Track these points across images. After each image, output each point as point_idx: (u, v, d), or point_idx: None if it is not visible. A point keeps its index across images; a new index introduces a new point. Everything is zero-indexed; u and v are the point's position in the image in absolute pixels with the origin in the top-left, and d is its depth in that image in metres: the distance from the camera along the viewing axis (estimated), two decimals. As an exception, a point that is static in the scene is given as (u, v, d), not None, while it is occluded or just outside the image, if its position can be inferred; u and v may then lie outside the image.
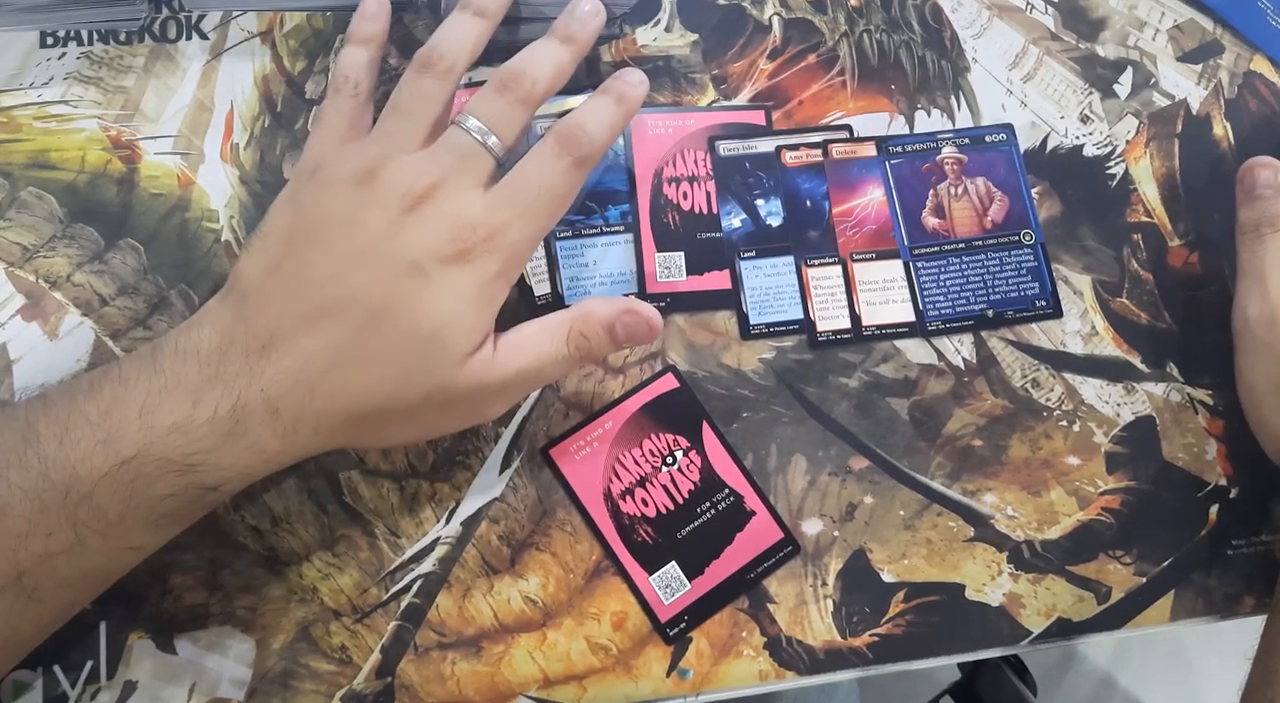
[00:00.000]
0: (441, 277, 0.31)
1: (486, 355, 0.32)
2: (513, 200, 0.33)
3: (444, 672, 0.37)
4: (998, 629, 0.39)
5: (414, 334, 0.31)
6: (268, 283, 0.31)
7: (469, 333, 0.32)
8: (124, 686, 0.35)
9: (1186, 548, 0.40)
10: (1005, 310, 0.42)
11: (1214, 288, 0.43)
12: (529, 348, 0.34)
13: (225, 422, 0.30)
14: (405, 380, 0.31)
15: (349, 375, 0.31)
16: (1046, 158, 0.44)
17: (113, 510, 0.29)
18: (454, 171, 0.32)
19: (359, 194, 0.32)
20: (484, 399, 0.33)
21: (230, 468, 0.30)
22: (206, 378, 0.30)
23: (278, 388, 0.30)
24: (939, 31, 0.45)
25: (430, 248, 0.31)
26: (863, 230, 0.42)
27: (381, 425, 0.33)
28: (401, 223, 0.31)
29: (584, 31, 0.36)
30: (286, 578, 0.37)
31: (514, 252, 0.33)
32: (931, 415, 0.41)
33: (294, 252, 0.31)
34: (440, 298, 0.31)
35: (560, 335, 0.34)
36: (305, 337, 0.30)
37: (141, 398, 0.29)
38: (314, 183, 0.32)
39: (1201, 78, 0.46)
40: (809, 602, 0.38)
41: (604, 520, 0.38)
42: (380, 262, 0.31)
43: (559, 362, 0.34)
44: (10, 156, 0.40)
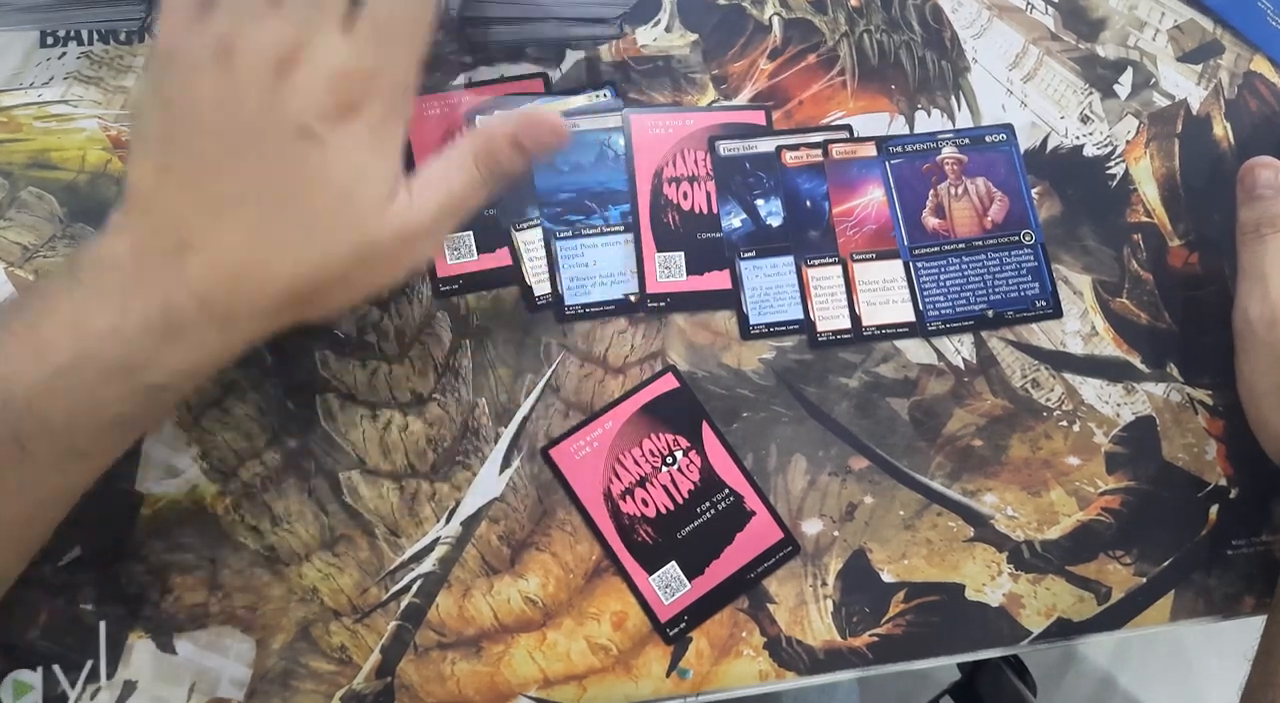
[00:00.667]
0: (334, 134, 0.30)
1: (402, 201, 0.32)
2: (377, 39, 0.31)
3: (444, 672, 0.37)
4: (998, 629, 0.39)
5: (326, 199, 0.31)
6: (164, 185, 0.30)
7: (379, 182, 0.31)
8: (124, 685, 0.35)
9: (1186, 548, 0.40)
10: (1005, 310, 0.42)
11: (1214, 288, 0.43)
12: (442, 184, 0.33)
13: (158, 324, 0.29)
14: (330, 247, 0.31)
15: (272, 257, 0.30)
16: (1047, 158, 0.44)
17: (57, 419, 0.29)
18: (310, 23, 0.31)
19: (224, 74, 0.30)
20: (412, 245, 0.33)
21: (174, 366, 0.30)
22: (129, 285, 0.30)
23: (203, 284, 0.30)
24: (939, 31, 0.45)
25: (314, 110, 0.30)
26: (863, 230, 0.42)
27: (320, 297, 0.32)
28: (277, 89, 0.30)
29: None
30: (286, 578, 0.37)
31: (396, 87, 0.32)
32: (931, 415, 0.41)
33: (180, 146, 0.31)
34: (340, 156, 0.31)
35: (468, 163, 0.33)
36: (217, 230, 0.30)
37: (68, 310, 0.29)
38: (174, 69, 0.31)
39: (1202, 78, 0.46)
40: (809, 602, 0.38)
41: (604, 521, 0.38)
42: (271, 135, 0.30)
43: (475, 188, 0.33)
44: (10, 156, 0.40)
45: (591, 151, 0.42)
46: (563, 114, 0.41)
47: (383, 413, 0.39)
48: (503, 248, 0.40)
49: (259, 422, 0.38)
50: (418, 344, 0.39)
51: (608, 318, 0.40)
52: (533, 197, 0.41)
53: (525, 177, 0.41)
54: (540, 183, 0.41)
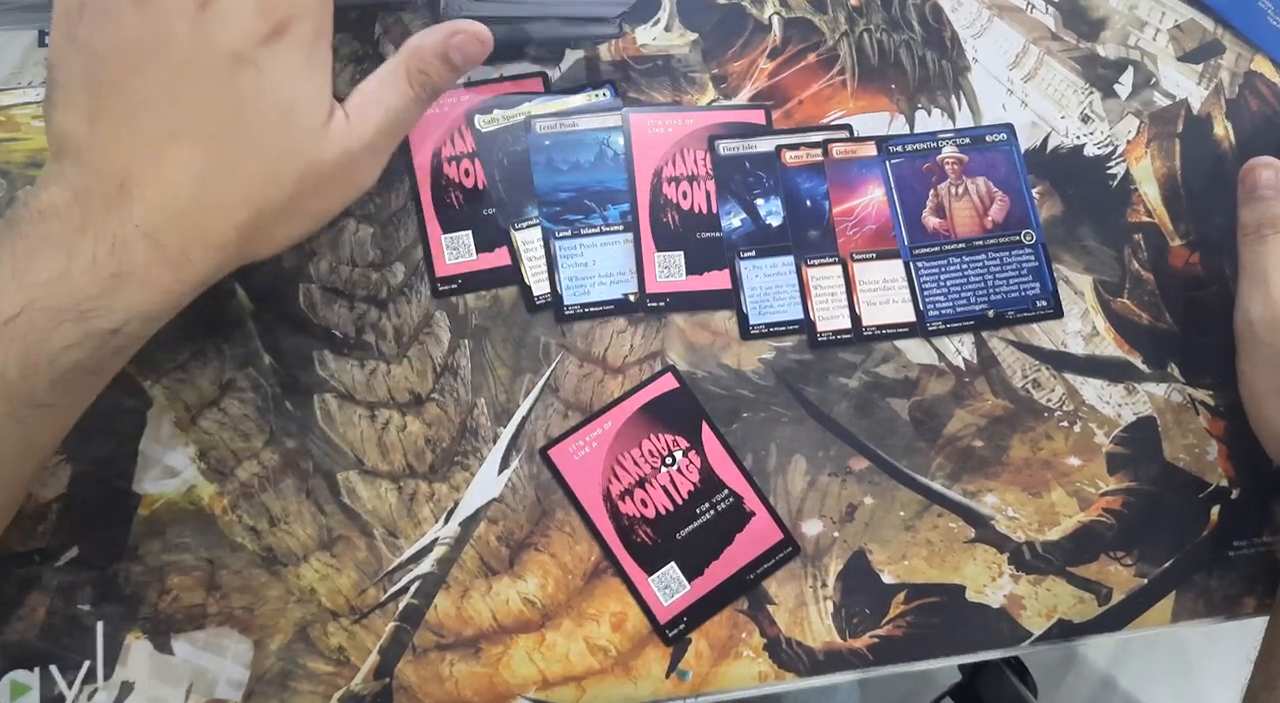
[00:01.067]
0: (267, 58, 0.31)
1: (340, 123, 0.32)
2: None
3: (442, 673, 0.37)
4: (998, 631, 0.39)
5: (265, 123, 0.31)
6: (97, 131, 0.30)
7: (315, 103, 0.31)
8: (121, 686, 0.35)
9: (1188, 549, 0.40)
10: (1006, 310, 0.42)
11: (1215, 288, 0.43)
12: (378, 101, 0.33)
13: (107, 265, 0.29)
14: (274, 173, 0.31)
15: (219, 188, 0.30)
16: (1047, 158, 0.44)
17: (11, 370, 0.29)
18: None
19: (145, 12, 0.30)
20: (355, 167, 0.33)
21: (127, 308, 0.30)
22: (73, 229, 0.29)
23: (151, 222, 0.30)
24: (939, 31, 0.45)
25: (243, 34, 0.30)
26: (863, 230, 0.42)
27: (269, 227, 0.32)
28: (204, 21, 0.30)
29: None
30: (284, 579, 0.37)
31: (321, 7, 0.32)
32: (932, 416, 0.40)
33: (108, 90, 0.30)
34: (275, 80, 0.31)
35: (400, 80, 0.33)
36: (160, 165, 0.30)
37: (10, 261, 0.29)
38: (90, 15, 0.30)
39: (1202, 78, 0.46)
40: (809, 603, 0.38)
41: (603, 521, 0.38)
42: (203, 66, 0.30)
43: (410, 106, 0.34)
44: (8, 155, 0.40)
45: (591, 151, 0.42)
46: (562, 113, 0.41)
47: (381, 413, 0.39)
48: (502, 247, 0.40)
49: (257, 422, 0.38)
50: (416, 344, 0.39)
51: (607, 318, 0.40)
52: (532, 196, 0.41)
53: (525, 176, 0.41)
54: (539, 182, 0.41)
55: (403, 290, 0.40)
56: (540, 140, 0.41)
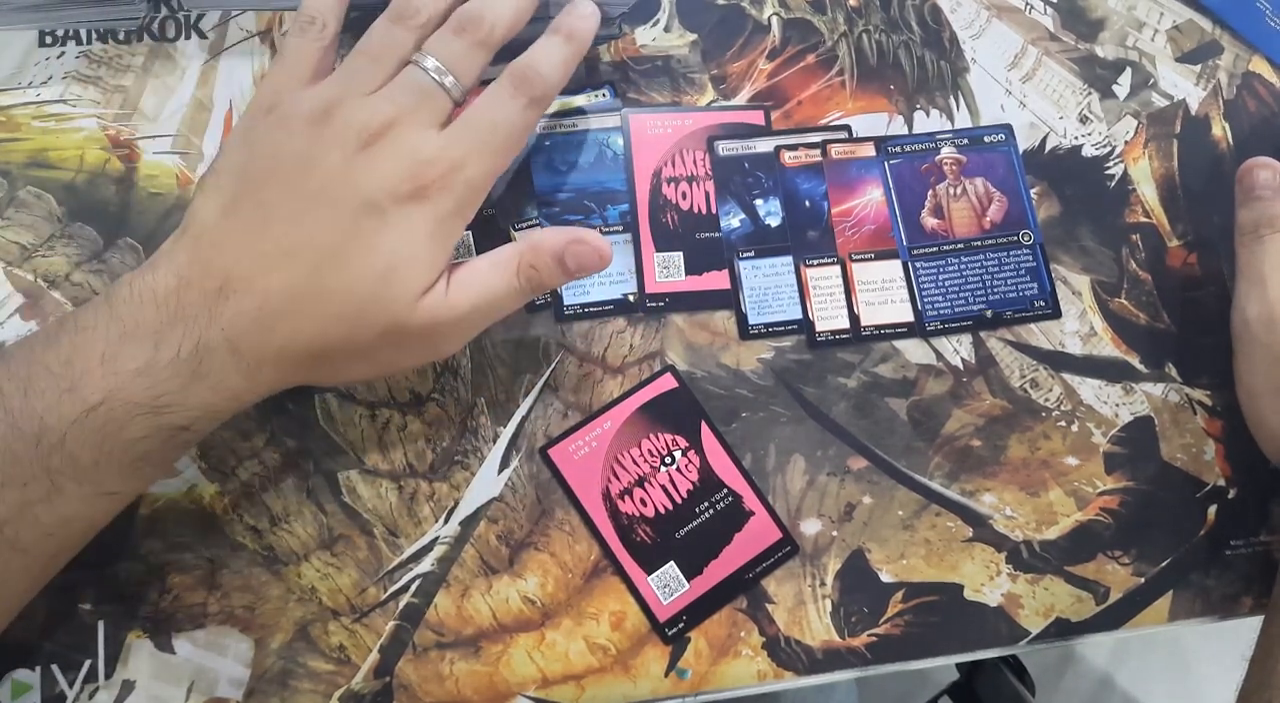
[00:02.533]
0: (398, 215, 0.31)
1: (440, 294, 0.32)
2: (468, 137, 0.33)
3: (442, 671, 0.37)
4: (996, 630, 0.39)
5: (369, 273, 0.31)
6: (224, 223, 0.31)
7: (423, 272, 0.32)
8: (122, 685, 0.35)
9: (1185, 548, 0.40)
10: (1004, 311, 0.42)
11: (1213, 288, 0.43)
12: (481, 284, 0.34)
13: (189, 362, 0.30)
14: (361, 319, 0.31)
15: (307, 314, 0.31)
16: (1045, 158, 0.44)
17: (86, 456, 0.29)
18: (410, 110, 0.32)
19: (315, 132, 0.31)
20: (439, 337, 0.33)
21: (198, 407, 0.31)
22: (166, 320, 0.30)
23: (237, 328, 0.30)
24: (938, 32, 0.45)
25: (386, 186, 0.31)
26: (861, 230, 0.42)
27: (340, 362, 0.33)
28: (357, 161, 0.31)
29: (575, 24, 0.35)
30: (285, 578, 0.37)
31: (469, 188, 0.33)
32: (930, 416, 0.41)
33: (250, 191, 0.31)
34: (396, 236, 0.31)
35: (510, 269, 0.34)
36: (262, 277, 0.30)
37: (102, 345, 0.29)
38: (270, 120, 0.32)
39: (1200, 78, 0.46)
40: (807, 602, 0.38)
41: (603, 520, 0.38)
42: (336, 201, 0.31)
43: (511, 295, 0.34)
44: (9, 156, 0.40)
45: (590, 152, 0.42)
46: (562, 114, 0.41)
47: (381, 413, 0.39)
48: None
49: (257, 421, 0.38)
50: (416, 344, 0.39)
51: (606, 318, 0.40)
52: (531, 196, 0.41)
53: (524, 176, 0.41)
54: (539, 183, 0.41)
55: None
56: (540, 141, 0.42)
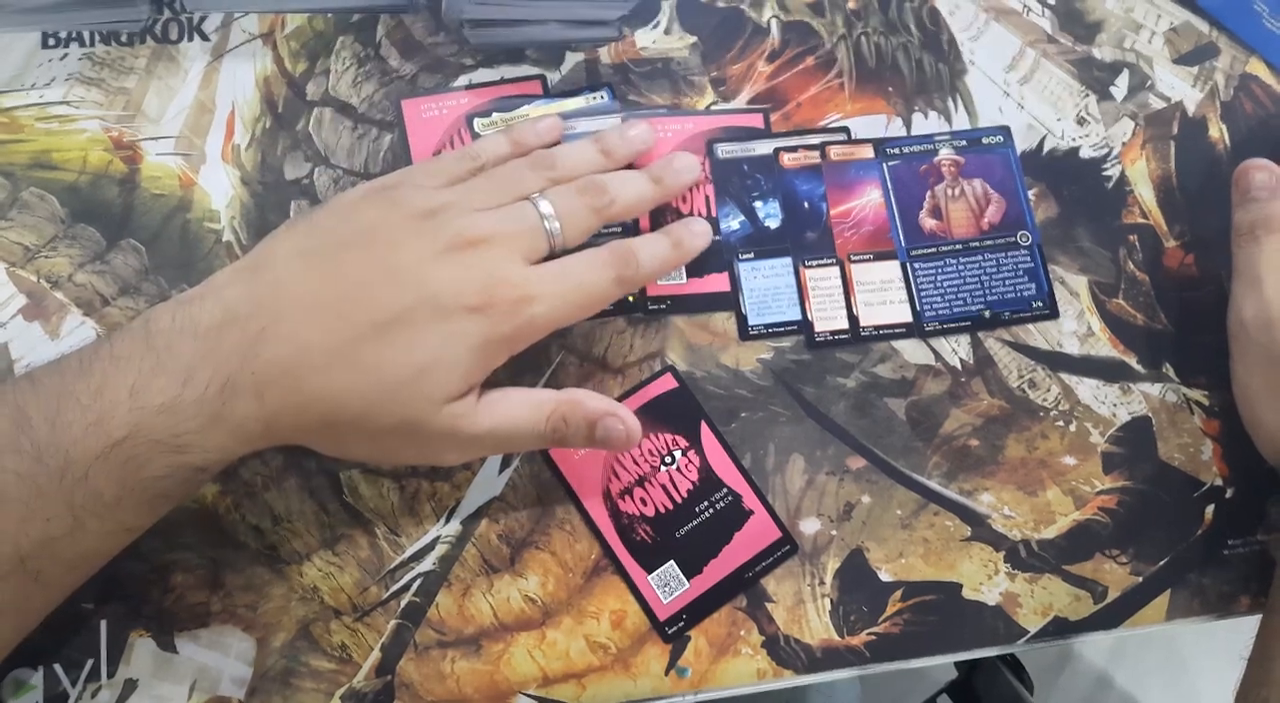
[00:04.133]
0: (456, 319, 0.32)
1: (467, 406, 0.33)
2: (551, 280, 0.33)
3: (444, 670, 0.37)
4: (994, 628, 0.39)
5: (407, 360, 0.31)
6: (293, 267, 0.31)
7: (456, 379, 0.32)
8: (124, 684, 0.36)
9: (1182, 548, 0.41)
10: (1002, 311, 0.42)
11: (1210, 289, 0.43)
12: (508, 413, 0.34)
13: (213, 402, 0.30)
14: (381, 403, 0.31)
15: (335, 379, 0.31)
16: (1043, 160, 0.44)
17: (109, 492, 0.29)
18: (509, 235, 0.33)
19: (415, 223, 0.32)
20: (450, 445, 0.34)
21: (215, 449, 0.31)
22: (201, 355, 0.30)
23: (267, 374, 0.30)
24: (936, 34, 0.45)
25: (458, 290, 0.32)
26: (860, 232, 0.42)
27: (346, 437, 0.33)
28: (442, 259, 0.32)
29: (675, 181, 0.38)
30: (287, 577, 0.37)
31: (532, 324, 0.33)
32: (928, 415, 0.41)
33: (332, 248, 0.32)
34: (445, 336, 0.31)
35: (542, 413, 0.34)
36: (306, 330, 0.31)
37: (133, 377, 0.30)
38: (383, 197, 0.33)
39: (1197, 80, 0.46)
40: (807, 601, 0.38)
41: (603, 520, 0.38)
42: (407, 284, 0.31)
43: (533, 437, 0.34)
44: (12, 157, 0.40)
45: (591, 153, 0.42)
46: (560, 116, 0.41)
47: (383, 413, 0.39)
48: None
49: (260, 421, 0.38)
50: (418, 344, 0.39)
51: (606, 318, 0.41)
52: (532, 198, 0.41)
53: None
54: (540, 184, 0.41)
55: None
56: None
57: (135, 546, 0.36)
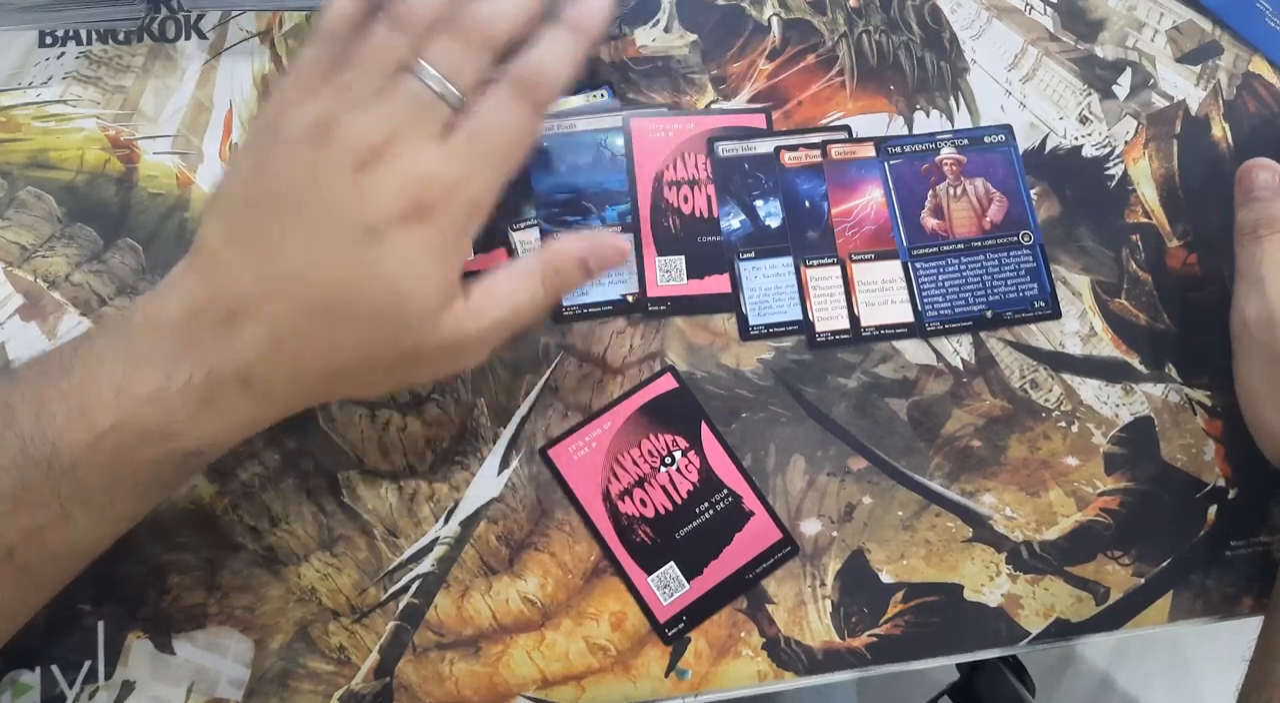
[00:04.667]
0: (400, 238, 0.30)
1: (459, 310, 0.32)
2: (470, 152, 0.31)
3: (442, 672, 0.37)
4: (996, 630, 0.39)
5: (375, 301, 0.30)
6: (230, 250, 0.31)
7: (434, 293, 0.31)
8: (122, 685, 0.35)
9: (1185, 549, 0.40)
10: (1004, 311, 0.42)
11: (1213, 289, 0.43)
12: (505, 298, 0.33)
13: (199, 391, 0.30)
14: (375, 343, 0.31)
15: (319, 338, 0.31)
16: (1045, 159, 0.44)
17: (96, 482, 0.29)
18: (408, 125, 0.31)
19: (313, 154, 0.30)
20: (462, 352, 0.33)
21: (208, 433, 0.31)
22: (176, 349, 0.30)
23: (247, 357, 0.30)
24: (938, 32, 0.45)
25: (386, 210, 0.30)
26: (861, 231, 0.42)
27: (360, 381, 0.32)
28: (356, 183, 0.30)
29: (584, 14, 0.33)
30: (285, 578, 0.37)
31: (472, 205, 0.32)
32: (930, 416, 0.41)
33: (253, 216, 0.31)
34: (399, 262, 0.30)
35: (534, 280, 0.33)
36: (270, 304, 0.30)
37: (114, 371, 0.29)
38: (272, 139, 0.31)
39: (1200, 79, 0.46)
40: (807, 602, 0.38)
41: (602, 521, 0.38)
42: (337, 228, 0.30)
43: (537, 305, 0.34)
44: (9, 156, 0.40)
45: (589, 152, 0.42)
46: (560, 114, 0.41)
47: (381, 413, 0.39)
48: (499, 248, 0.40)
49: (257, 422, 0.38)
50: (416, 344, 0.39)
51: (606, 318, 0.40)
52: (530, 197, 0.41)
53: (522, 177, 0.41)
54: (537, 184, 0.41)
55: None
56: (538, 141, 0.42)
57: (133, 547, 0.36)
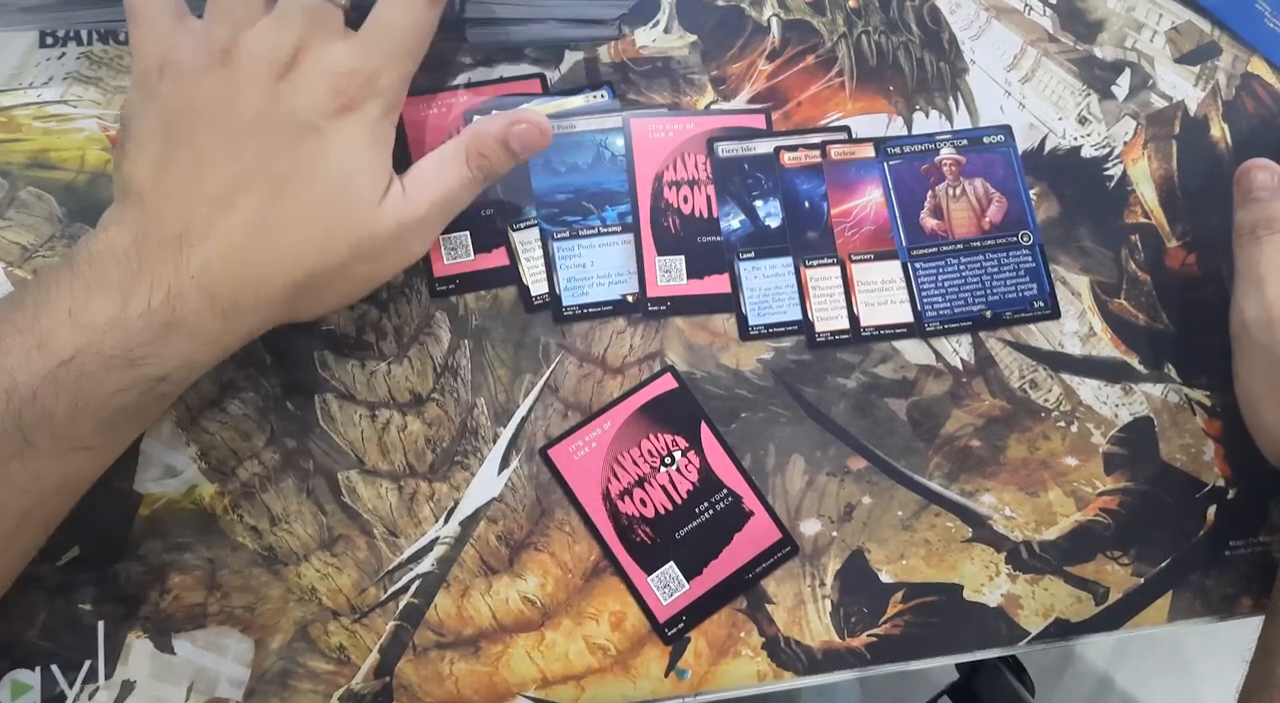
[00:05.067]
0: (334, 129, 0.32)
1: (397, 195, 0.33)
2: (378, 45, 0.33)
3: (442, 672, 0.37)
4: (996, 630, 0.39)
5: (326, 189, 0.32)
6: (164, 176, 0.31)
7: (374, 177, 0.33)
8: (122, 685, 0.35)
9: (1184, 549, 0.40)
10: (1003, 311, 0.42)
11: (1212, 289, 0.43)
12: (436, 179, 0.35)
13: (161, 312, 0.30)
14: (329, 237, 0.32)
15: (275, 244, 0.31)
16: (1045, 159, 0.44)
17: (60, 411, 0.29)
18: (310, 31, 0.33)
19: (224, 73, 0.32)
20: (408, 238, 0.34)
21: (175, 356, 0.31)
22: (130, 274, 0.30)
23: (207, 272, 0.30)
24: (937, 33, 0.45)
25: (315, 106, 0.32)
26: (861, 231, 0.42)
27: (319, 288, 0.33)
28: (278, 91, 0.32)
29: None
30: (285, 578, 0.37)
31: (392, 91, 0.34)
32: (929, 416, 0.41)
33: (178, 142, 0.31)
34: (339, 149, 0.32)
35: (459, 160, 0.35)
36: (220, 217, 0.31)
37: (68, 302, 0.30)
38: (168, 78, 0.32)
39: (1199, 79, 0.46)
40: (807, 602, 0.38)
41: (602, 521, 0.38)
42: (272, 129, 0.32)
43: (466, 186, 0.35)
44: (10, 156, 0.40)
45: (589, 153, 0.42)
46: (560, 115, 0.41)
47: (381, 413, 0.39)
48: (499, 248, 0.41)
49: (257, 422, 0.38)
50: (416, 344, 0.39)
51: (606, 318, 0.40)
52: (530, 197, 0.41)
53: (522, 177, 0.41)
54: (537, 184, 0.41)
55: (403, 291, 0.40)
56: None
57: (133, 547, 0.36)
